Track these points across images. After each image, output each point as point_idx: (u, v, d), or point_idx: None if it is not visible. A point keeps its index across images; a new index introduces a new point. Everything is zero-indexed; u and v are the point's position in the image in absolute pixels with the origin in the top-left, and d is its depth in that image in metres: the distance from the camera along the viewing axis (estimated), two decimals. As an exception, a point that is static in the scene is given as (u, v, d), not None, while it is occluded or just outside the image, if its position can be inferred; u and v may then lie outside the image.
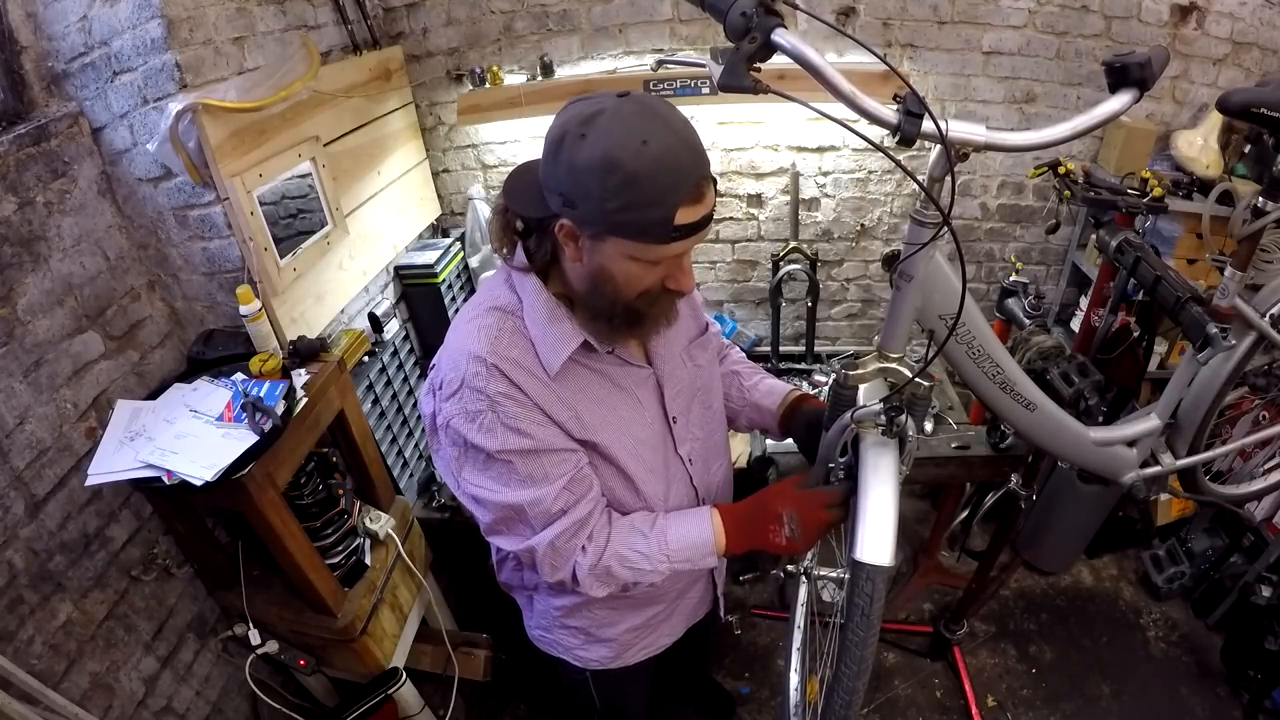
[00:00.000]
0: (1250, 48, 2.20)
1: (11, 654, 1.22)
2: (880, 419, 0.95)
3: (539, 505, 0.99)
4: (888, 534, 0.90)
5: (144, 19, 1.36)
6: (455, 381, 0.96)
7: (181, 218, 1.51)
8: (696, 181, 0.85)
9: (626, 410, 1.07)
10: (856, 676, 0.91)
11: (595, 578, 1.04)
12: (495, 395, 0.94)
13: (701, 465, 1.21)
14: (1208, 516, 2.43)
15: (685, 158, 0.84)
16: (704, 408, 1.21)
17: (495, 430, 0.95)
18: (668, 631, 1.36)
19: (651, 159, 0.81)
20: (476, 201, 2.48)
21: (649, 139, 0.81)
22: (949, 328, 0.98)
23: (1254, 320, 1.36)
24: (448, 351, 0.99)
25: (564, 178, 0.85)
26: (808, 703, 1.30)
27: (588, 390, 1.02)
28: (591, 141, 0.81)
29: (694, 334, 1.20)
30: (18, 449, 1.28)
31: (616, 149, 0.80)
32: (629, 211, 0.83)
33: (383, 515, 1.81)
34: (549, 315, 0.97)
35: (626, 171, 0.80)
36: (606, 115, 0.82)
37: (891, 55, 2.26)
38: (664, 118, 0.84)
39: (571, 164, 0.83)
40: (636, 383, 1.08)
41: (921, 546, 2.54)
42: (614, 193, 0.82)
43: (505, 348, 0.95)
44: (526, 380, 0.96)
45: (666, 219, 0.84)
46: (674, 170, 0.83)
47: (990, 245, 2.65)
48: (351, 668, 1.74)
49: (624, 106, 0.83)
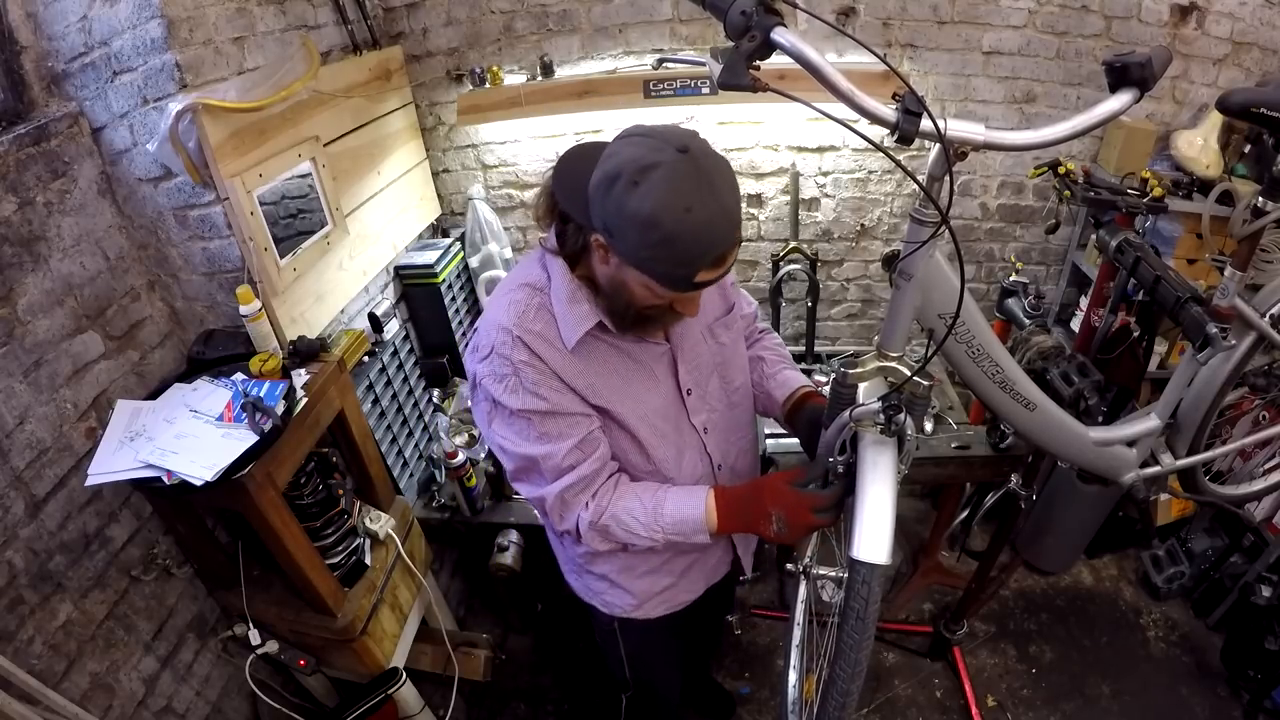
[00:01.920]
0: (1250, 48, 2.20)
1: (11, 654, 1.22)
2: (879, 417, 0.95)
3: (551, 459, 1.09)
4: (885, 532, 0.90)
5: (144, 19, 1.36)
6: (486, 347, 1.08)
7: (181, 218, 1.52)
8: (725, 249, 0.93)
9: (640, 382, 1.15)
10: (851, 678, 0.91)
11: (595, 532, 1.14)
12: (518, 362, 1.06)
13: (719, 435, 1.27)
14: (1208, 516, 2.43)
15: (721, 229, 0.91)
16: (723, 381, 1.27)
17: (518, 392, 1.07)
18: (686, 587, 1.41)
19: (691, 227, 0.88)
20: (476, 201, 2.49)
21: (693, 206, 0.87)
22: (948, 326, 0.98)
23: (1254, 320, 1.36)
24: (484, 320, 1.11)
25: (610, 213, 0.91)
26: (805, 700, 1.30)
27: (604, 362, 1.11)
28: (642, 193, 0.87)
29: (719, 313, 1.26)
30: (18, 449, 1.28)
31: (662, 211, 0.87)
32: (658, 263, 0.92)
33: (383, 515, 1.81)
34: (570, 296, 1.06)
35: (666, 232, 0.88)
36: (662, 171, 0.87)
37: (891, 55, 2.26)
38: (713, 184, 0.90)
39: (620, 207, 0.89)
40: (652, 358, 1.16)
41: (921, 546, 2.54)
42: (650, 245, 0.90)
43: (530, 321, 1.06)
44: (547, 351, 1.07)
45: (689, 277, 0.93)
46: (708, 240, 0.90)
47: (990, 245, 2.65)
48: (351, 668, 1.74)
49: (680, 166, 0.87)
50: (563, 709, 2.26)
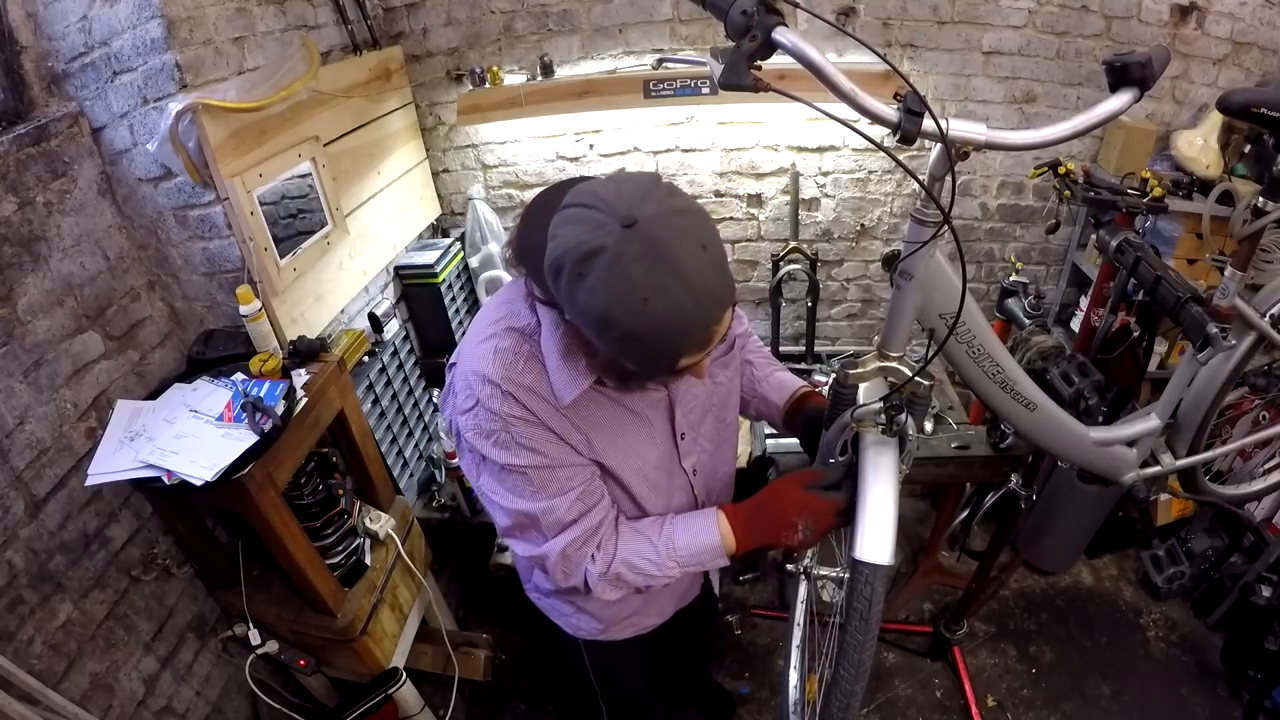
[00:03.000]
0: (1250, 48, 2.20)
1: (11, 654, 1.22)
2: (880, 418, 0.95)
3: (551, 514, 1.00)
4: (887, 533, 0.90)
5: (144, 19, 1.36)
6: (470, 400, 0.96)
7: (181, 218, 1.51)
8: (704, 333, 0.79)
9: (635, 433, 1.07)
10: (855, 679, 0.91)
11: (607, 583, 1.05)
12: (509, 417, 0.95)
13: (706, 475, 1.22)
14: (1208, 516, 2.43)
15: (692, 314, 0.76)
16: (717, 421, 1.20)
17: (510, 446, 0.96)
18: (655, 612, 1.37)
19: (653, 319, 0.75)
20: (476, 201, 2.48)
21: (650, 296, 0.74)
22: (949, 326, 0.98)
23: (1254, 320, 1.36)
24: (465, 366, 0.99)
25: (566, 305, 0.81)
26: (806, 701, 1.30)
27: (599, 415, 1.02)
28: (589, 289, 0.75)
29: (720, 352, 1.17)
30: (18, 449, 1.28)
31: (613, 307, 0.74)
32: (629, 359, 0.82)
33: (383, 515, 1.80)
34: (564, 351, 0.93)
35: (624, 331, 0.76)
36: (605, 259, 0.73)
37: (891, 55, 2.26)
38: (672, 262, 0.74)
39: (571, 302, 0.78)
40: (649, 405, 1.07)
41: (921, 546, 2.54)
42: (613, 344, 0.79)
43: (519, 374, 0.95)
44: (539, 406, 0.96)
45: (669, 368, 0.82)
46: (677, 328, 0.77)
47: (990, 245, 2.65)
48: (351, 668, 1.74)
49: (626, 249, 0.73)
50: (563, 709, 2.26)
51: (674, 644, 1.43)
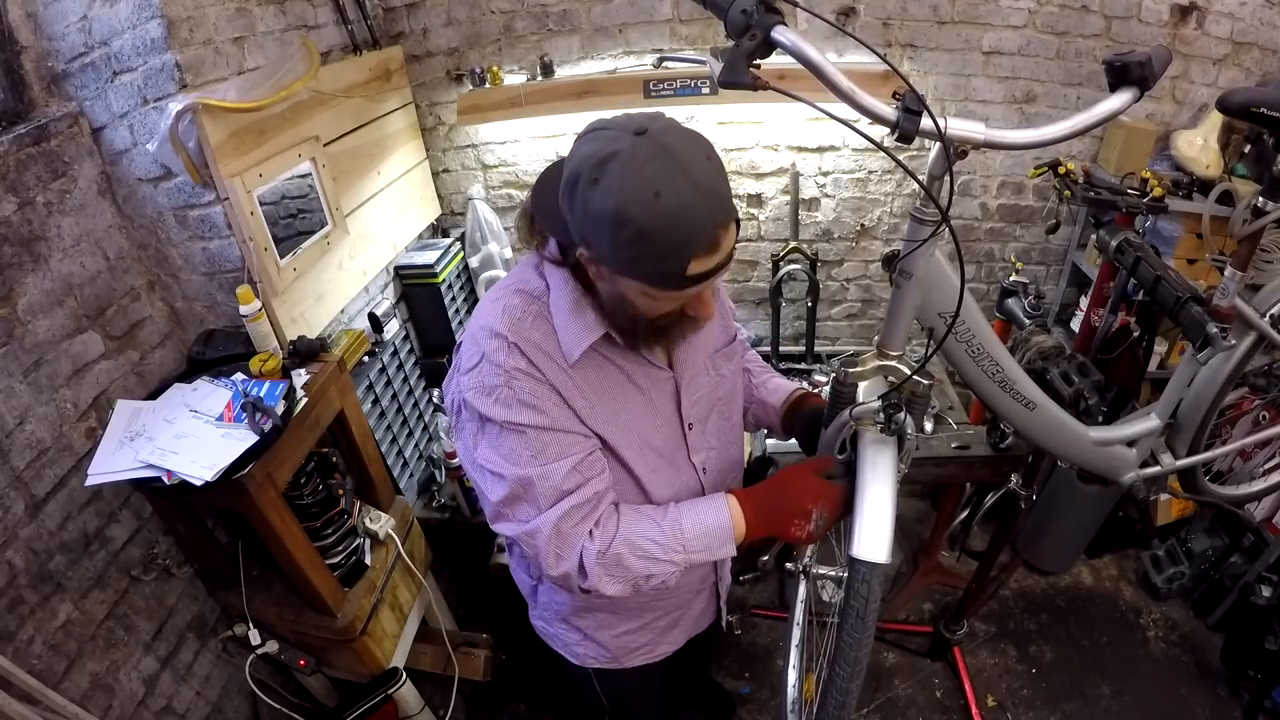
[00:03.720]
0: (1250, 48, 2.20)
1: (11, 654, 1.22)
2: (879, 416, 0.95)
3: (548, 480, 0.96)
4: (885, 531, 0.90)
5: (144, 19, 1.37)
6: (475, 356, 0.97)
7: (181, 218, 1.52)
8: (712, 233, 0.82)
9: (639, 409, 1.06)
10: (851, 678, 0.91)
11: (604, 568, 0.98)
12: (513, 370, 0.95)
13: (715, 476, 1.19)
14: (1208, 516, 2.43)
15: (700, 209, 0.80)
16: (723, 418, 1.19)
17: (510, 404, 0.95)
18: (669, 641, 1.35)
19: (664, 214, 0.78)
20: (476, 201, 2.49)
21: (662, 190, 0.78)
22: (948, 326, 0.98)
23: (1254, 320, 1.36)
24: (470, 330, 1.00)
25: (579, 221, 0.84)
26: (804, 700, 1.30)
27: (603, 381, 1.02)
28: (604, 190, 0.79)
29: (721, 343, 1.18)
30: (18, 449, 1.28)
31: (628, 203, 0.78)
32: (641, 263, 0.83)
33: (383, 515, 1.81)
34: (573, 305, 0.96)
35: (637, 227, 0.79)
36: (620, 160, 0.79)
37: (891, 55, 2.26)
38: (682, 162, 0.79)
39: (585, 211, 0.82)
40: (654, 383, 1.07)
41: (921, 546, 2.54)
42: (625, 245, 0.81)
43: (527, 330, 0.96)
44: (545, 363, 0.97)
45: (679, 271, 0.83)
46: (688, 224, 0.80)
47: (990, 245, 2.65)
48: (351, 668, 1.74)
49: (639, 150, 0.79)
50: (563, 709, 2.26)
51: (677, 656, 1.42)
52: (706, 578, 1.32)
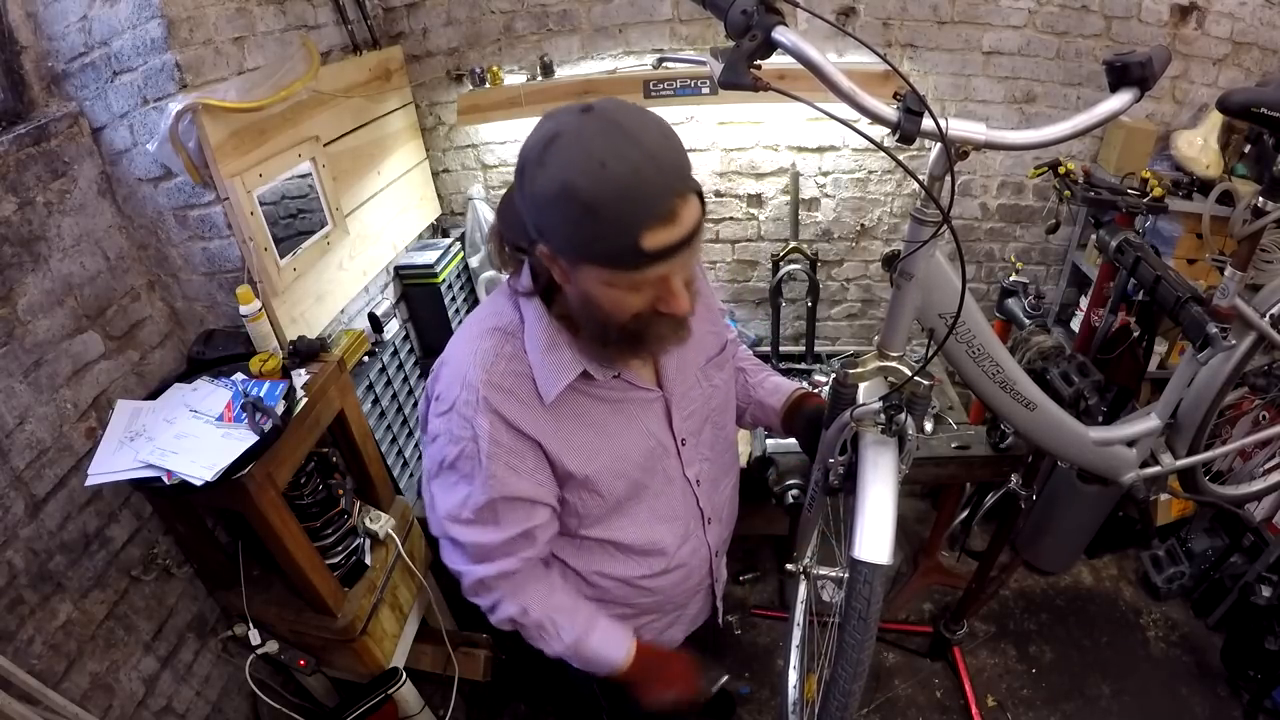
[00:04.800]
0: (1250, 48, 2.20)
1: (11, 654, 1.22)
2: (880, 417, 0.95)
3: (482, 547, 1.01)
4: (886, 532, 0.90)
5: (144, 19, 1.36)
6: (447, 403, 0.95)
7: (181, 218, 1.51)
8: (666, 202, 0.77)
9: (627, 438, 1.03)
10: (853, 679, 0.91)
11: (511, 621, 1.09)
12: (479, 429, 0.93)
13: (710, 485, 1.19)
14: (1208, 516, 2.43)
15: (652, 178, 0.76)
16: (716, 429, 1.18)
17: (472, 461, 0.95)
18: (667, 640, 1.35)
19: (611, 184, 0.74)
20: (476, 201, 2.49)
21: (608, 161, 0.74)
22: (949, 326, 0.98)
23: (1254, 320, 1.36)
24: (447, 367, 0.98)
25: (530, 208, 0.81)
26: (805, 700, 1.30)
27: (585, 417, 0.99)
28: (550, 170, 0.76)
29: (713, 352, 1.16)
30: (18, 449, 1.28)
31: (574, 176, 0.75)
32: (595, 243, 0.78)
33: (383, 515, 1.81)
34: (548, 343, 0.94)
35: (583, 200, 0.75)
36: (565, 138, 0.76)
37: (891, 55, 2.26)
38: (629, 132, 0.76)
39: (534, 195, 0.79)
40: (641, 407, 1.04)
41: (921, 546, 2.54)
42: (575, 223, 0.77)
43: (500, 375, 0.93)
44: (518, 412, 0.94)
45: (633, 246, 0.77)
46: (638, 192, 0.75)
47: (990, 245, 2.65)
48: (351, 668, 1.74)
49: (585, 126, 0.76)
50: (563, 709, 2.25)
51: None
52: (703, 581, 1.31)
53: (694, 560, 1.21)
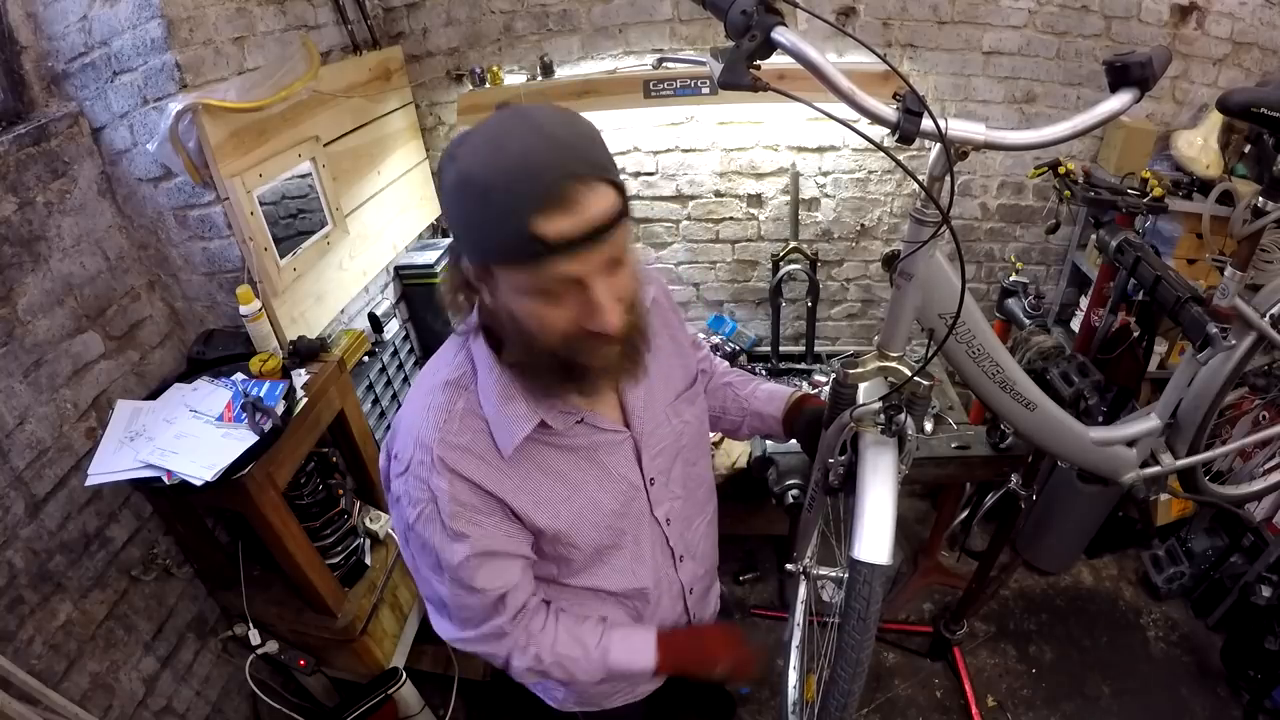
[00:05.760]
0: (1250, 48, 2.20)
1: (11, 654, 1.22)
2: (879, 418, 0.95)
3: (464, 611, 0.96)
4: (886, 533, 0.90)
5: (144, 19, 1.37)
6: (402, 464, 0.91)
7: (181, 218, 1.52)
8: (562, 184, 0.70)
9: (593, 485, 0.98)
10: (853, 679, 0.91)
11: (531, 673, 1.04)
12: (438, 490, 0.87)
13: (680, 524, 1.14)
14: (1208, 516, 2.43)
15: (543, 156, 0.70)
16: (687, 464, 1.12)
17: (433, 524, 0.89)
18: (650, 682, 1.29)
19: (502, 166, 0.70)
20: (476, 201, 2.48)
21: (504, 145, 0.71)
22: (949, 326, 0.98)
23: (1254, 320, 1.36)
24: (403, 424, 0.94)
25: (444, 211, 0.80)
26: (805, 701, 1.30)
27: (550, 468, 0.94)
28: (457, 163, 0.74)
29: (681, 387, 1.10)
30: (18, 449, 1.28)
31: (471, 164, 0.72)
32: (488, 230, 0.73)
33: (383, 515, 1.81)
34: (502, 394, 0.88)
35: (476, 185, 0.71)
36: (475, 133, 0.75)
37: (891, 55, 2.26)
38: (533, 120, 0.73)
39: (443, 193, 0.78)
40: (607, 450, 0.99)
41: (921, 546, 2.54)
42: (471, 213, 0.74)
43: (455, 433, 0.88)
44: (477, 469, 0.88)
45: (522, 231, 0.70)
46: (525, 172, 0.70)
47: (990, 245, 2.65)
48: (351, 668, 1.74)
49: (494, 120, 0.74)
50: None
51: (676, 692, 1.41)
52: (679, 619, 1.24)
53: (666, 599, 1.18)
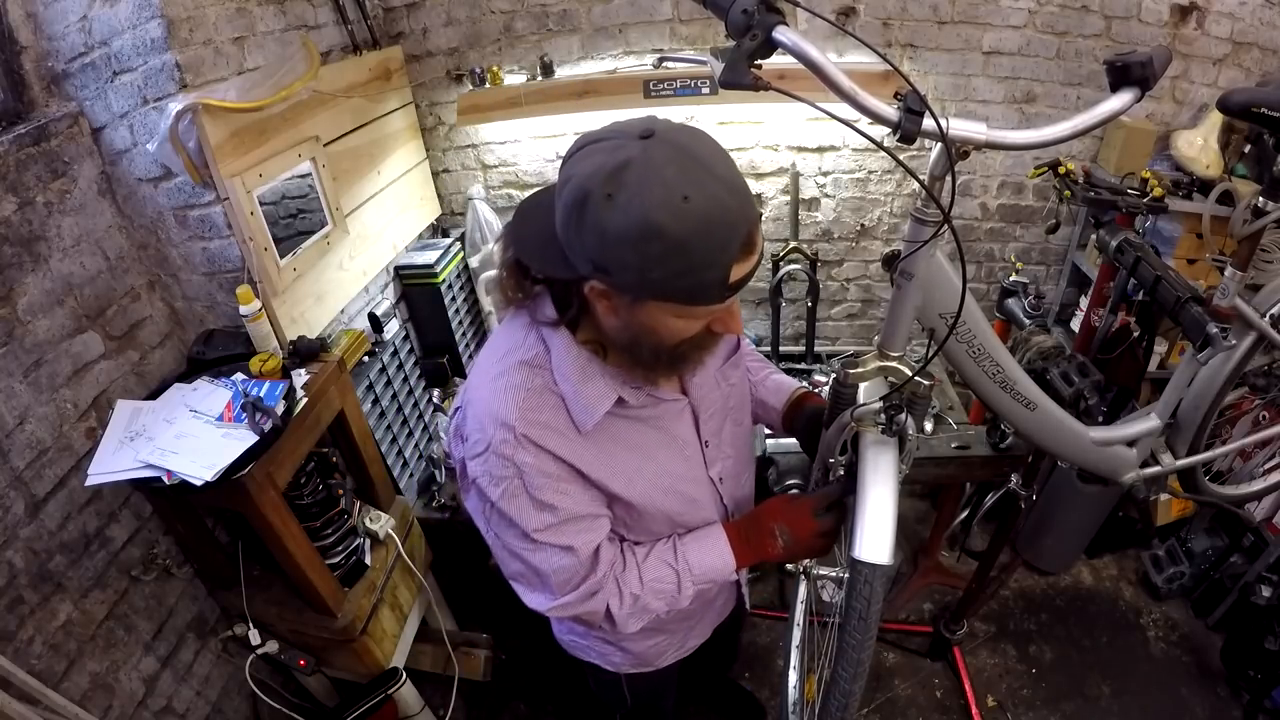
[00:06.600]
0: (1250, 48, 2.20)
1: (11, 654, 1.22)
2: (880, 417, 0.95)
3: (562, 574, 0.97)
4: (887, 533, 0.90)
5: (144, 19, 1.36)
6: (481, 444, 0.91)
7: (181, 218, 1.51)
8: (748, 231, 0.75)
9: (663, 451, 1.03)
10: (853, 679, 0.91)
11: (631, 615, 1.04)
12: (523, 464, 0.90)
13: (732, 482, 1.19)
14: (1208, 516, 2.43)
15: (734, 207, 0.73)
16: (735, 425, 1.18)
17: (520, 498, 0.92)
18: (698, 634, 1.37)
19: (697, 219, 0.71)
20: (476, 201, 2.48)
21: (690, 194, 0.71)
22: (949, 326, 0.98)
23: (1254, 320, 1.36)
24: (474, 408, 0.93)
25: (593, 245, 0.75)
26: (805, 701, 1.30)
27: (622, 439, 0.98)
28: (623, 205, 0.71)
29: (728, 354, 1.16)
30: (18, 449, 1.28)
31: (654, 212, 0.70)
32: (679, 279, 0.74)
33: (383, 515, 1.81)
34: (581, 373, 0.91)
35: (670, 238, 0.71)
36: (635, 169, 0.71)
37: (892, 55, 2.26)
38: (702, 161, 0.73)
39: (601, 232, 0.73)
40: (671, 417, 1.04)
41: (921, 546, 2.54)
42: (658, 261, 0.72)
43: (534, 410, 0.90)
44: (558, 443, 0.91)
45: (722, 280, 0.75)
46: (726, 225, 0.73)
47: (990, 245, 2.65)
48: (351, 668, 1.74)
49: (654, 154, 0.72)
50: (564, 709, 2.25)
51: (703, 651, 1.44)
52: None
53: None
